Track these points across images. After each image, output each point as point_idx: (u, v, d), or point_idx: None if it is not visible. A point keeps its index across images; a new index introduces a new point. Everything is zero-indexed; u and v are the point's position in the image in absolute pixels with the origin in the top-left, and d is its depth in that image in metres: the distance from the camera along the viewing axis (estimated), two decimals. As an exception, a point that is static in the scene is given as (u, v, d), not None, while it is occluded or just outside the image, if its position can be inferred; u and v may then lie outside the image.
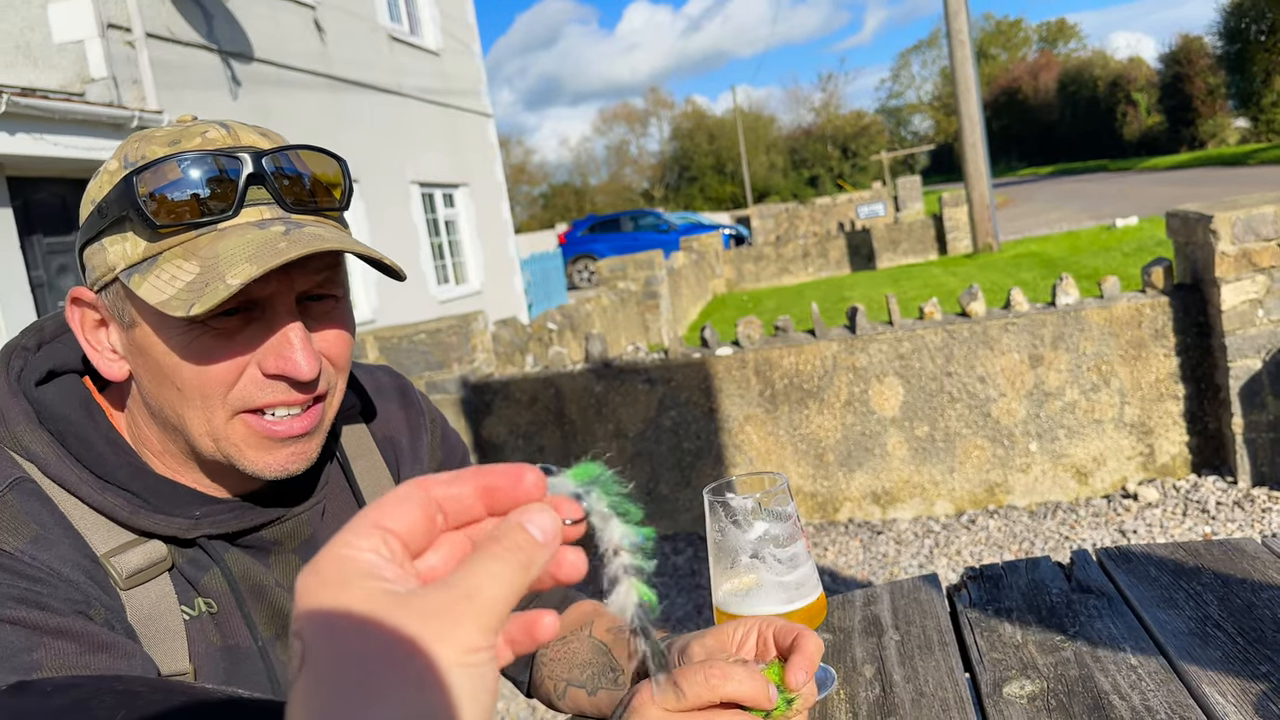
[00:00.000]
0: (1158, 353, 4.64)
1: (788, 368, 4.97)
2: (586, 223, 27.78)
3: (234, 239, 0.83)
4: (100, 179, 0.87)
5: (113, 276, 0.86)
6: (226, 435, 0.89)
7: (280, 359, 0.87)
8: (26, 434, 0.89)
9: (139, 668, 0.84)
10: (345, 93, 11.48)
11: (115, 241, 0.85)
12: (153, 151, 0.85)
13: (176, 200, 0.83)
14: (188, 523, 0.92)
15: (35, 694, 0.68)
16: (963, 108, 15.63)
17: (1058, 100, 75.72)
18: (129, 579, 0.89)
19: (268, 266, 0.80)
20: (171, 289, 0.82)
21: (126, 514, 0.89)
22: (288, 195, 0.87)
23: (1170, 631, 1.10)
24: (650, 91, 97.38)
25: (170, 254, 0.83)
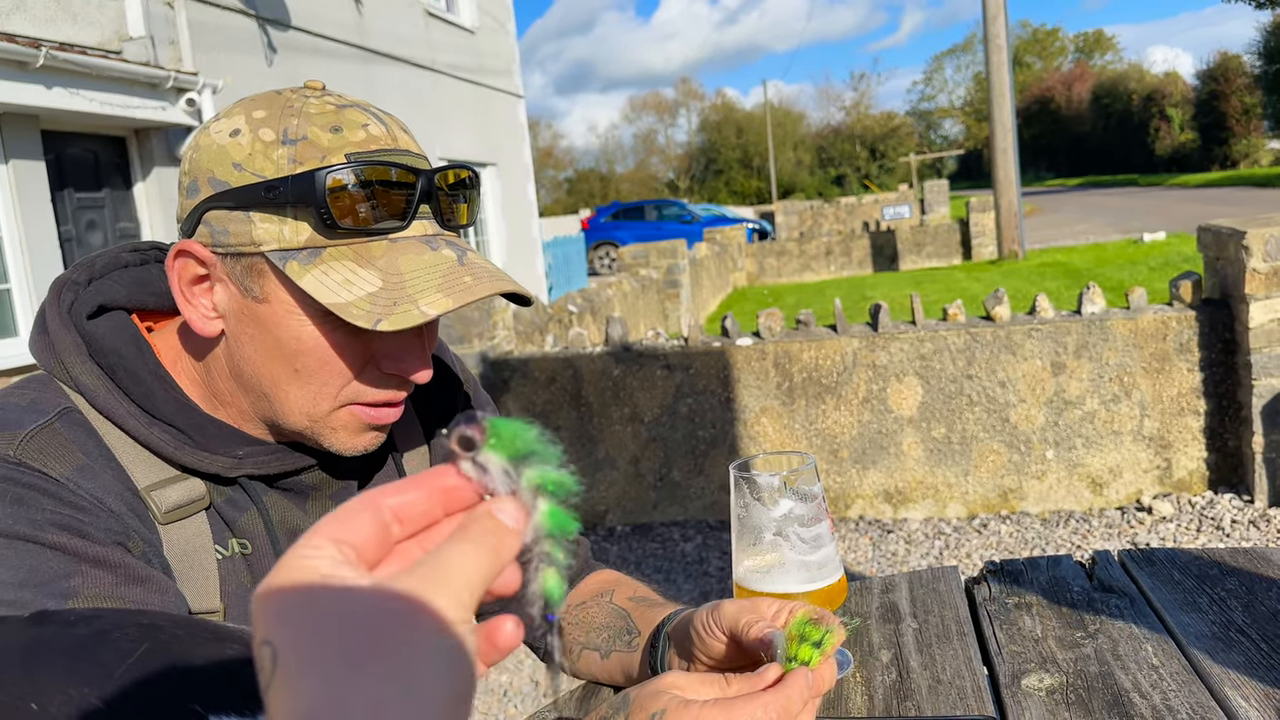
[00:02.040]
0: (1181, 367, 4.60)
1: (807, 361, 4.96)
2: (610, 209, 27.74)
3: (411, 257, 0.86)
4: (249, 145, 0.85)
5: (256, 251, 0.85)
6: (328, 420, 0.92)
7: (403, 364, 0.91)
8: (77, 365, 0.90)
9: (172, 603, 0.85)
10: (378, 65, 11.49)
11: (270, 220, 0.85)
12: (316, 136, 0.85)
13: (356, 203, 0.84)
14: (230, 461, 0.93)
15: (58, 623, 0.68)
16: (995, 113, 15.52)
17: (1090, 112, 75.07)
18: (167, 514, 0.90)
19: (462, 303, 0.84)
20: (349, 294, 0.83)
21: (171, 449, 0.91)
22: (446, 213, 0.91)
23: (1193, 634, 1.09)
24: (681, 82, 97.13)
25: (337, 252, 0.85)
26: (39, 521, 0.81)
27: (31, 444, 0.84)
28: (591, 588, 1.18)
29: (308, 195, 0.83)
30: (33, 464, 0.83)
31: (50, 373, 0.92)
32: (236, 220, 0.86)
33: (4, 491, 0.81)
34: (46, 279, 6.76)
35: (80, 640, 0.66)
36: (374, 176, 0.85)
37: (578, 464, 5.21)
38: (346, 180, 0.84)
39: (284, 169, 0.84)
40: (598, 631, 1.12)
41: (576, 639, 1.14)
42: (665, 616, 1.04)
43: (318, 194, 0.83)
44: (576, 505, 0.50)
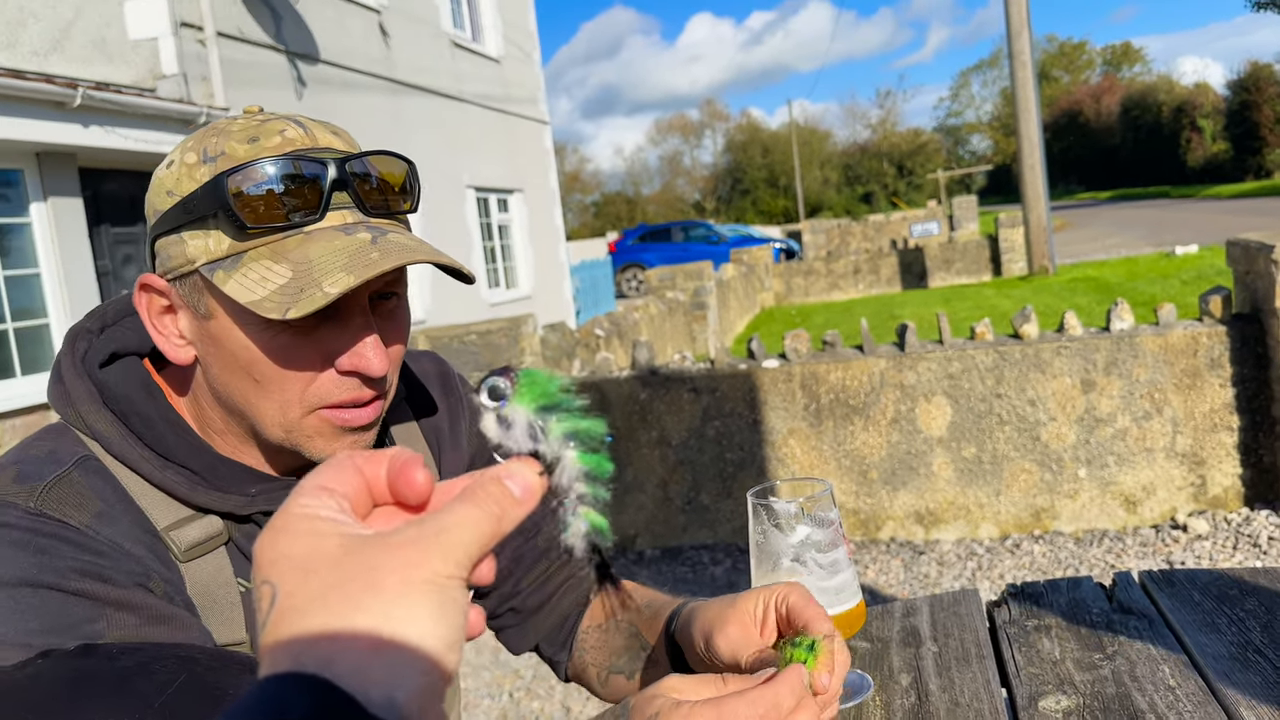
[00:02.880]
0: (1213, 382, 4.57)
1: (834, 383, 4.96)
2: (637, 232, 27.85)
3: (322, 244, 0.86)
4: (177, 171, 0.89)
5: (192, 269, 0.88)
6: (300, 428, 0.93)
7: (356, 358, 0.91)
8: (92, 414, 0.93)
9: (196, 639, 0.87)
10: (406, 96, 11.65)
11: (197, 236, 0.88)
12: (233, 149, 0.87)
13: (265, 203, 0.85)
14: (244, 499, 0.95)
15: (101, 656, 0.72)
16: (1022, 129, 15.47)
17: (1120, 124, 74.52)
18: (188, 552, 0.93)
19: (365, 277, 0.83)
20: (263, 290, 0.84)
21: (185, 490, 0.93)
22: (367, 199, 0.91)
23: (1210, 655, 1.10)
24: (706, 103, 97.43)
25: (256, 254, 0.86)
26: (62, 569, 0.83)
27: (51, 494, 0.87)
28: (604, 605, 1.22)
29: (215, 199, 0.85)
30: (53, 514, 0.86)
31: (68, 421, 0.95)
32: (173, 243, 0.89)
33: (27, 542, 0.84)
34: (84, 313, 6.90)
35: (122, 672, 0.70)
36: (279, 172, 0.86)
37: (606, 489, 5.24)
38: (250, 180, 0.85)
39: (202, 184, 0.87)
40: (619, 654, 1.14)
41: (604, 663, 1.16)
42: (665, 622, 1.06)
43: (224, 199, 0.85)
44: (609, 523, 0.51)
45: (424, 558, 0.43)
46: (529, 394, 0.49)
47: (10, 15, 6.88)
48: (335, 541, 0.43)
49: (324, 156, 0.89)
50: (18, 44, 6.90)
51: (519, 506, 0.47)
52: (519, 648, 1.24)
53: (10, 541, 0.84)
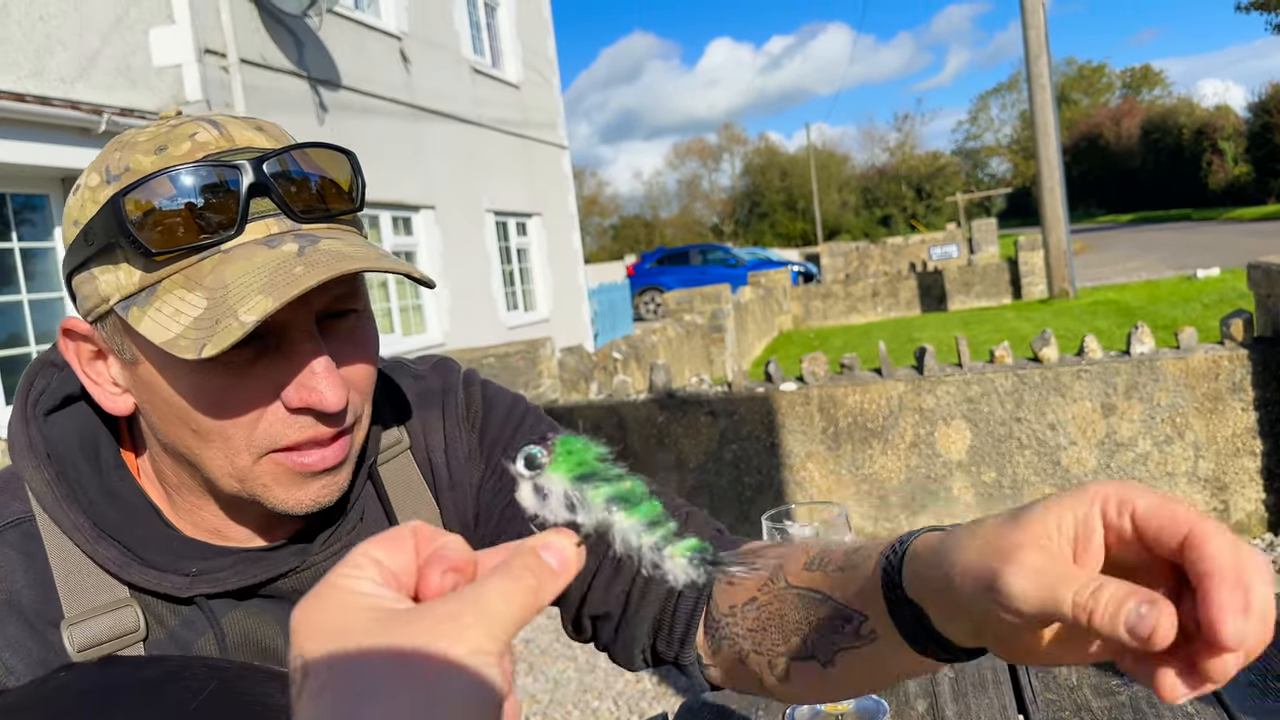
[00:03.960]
0: (1235, 406, 4.53)
1: (852, 406, 4.95)
2: (655, 255, 27.95)
3: (241, 263, 0.73)
4: (80, 195, 0.77)
5: (107, 308, 0.76)
6: (254, 476, 0.80)
7: (305, 391, 0.77)
8: (29, 469, 0.83)
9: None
10: (427, 122, 11.77)
11: (106, 270, 0.75)
12: (137, 162, 0.74)
13: (171, 222, 0.72)
14: (182, 580, 0.83)
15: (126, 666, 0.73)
16: (1041, 152, 15.46)
17: (1140, 147, 74.31)
18: (82, 652, 0.80)
19: (285, 299, 0.69)
20: (177, 326, 0.71)
21: (116, 568, 0.82)
22: (295, 203, 0.76)
23: (1230, 682, 1.09)
24: (724, 127, 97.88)
25: (170, 283, 0.73)
26: None
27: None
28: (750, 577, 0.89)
29: (114, 226, 0.72)
30: None
31: (17, 470, 0.84)
32: (85, 281, 0.77)
33: None
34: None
35: (151, 681, 0.70)
36: (185, 185, 0.72)
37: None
38: (152, 198, 0.72)
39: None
40: (796, 632, 0.79)
41: (778, 649, 0.80)
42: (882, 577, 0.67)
43: (123, 223, 0.72)
44: None
45: (461, 632, 0.41)
46: (566, 463, 0.47)
47: (38, 43, 7.00)
48: (368, 615, 0.42)
49: (237, 159, 0.74)
50: (45, 71, 7.02)
51: (556, 579, 0.45)
52: (629, 661, 0.98)
53: None
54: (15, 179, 6.69)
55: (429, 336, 11.16)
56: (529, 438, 1.00)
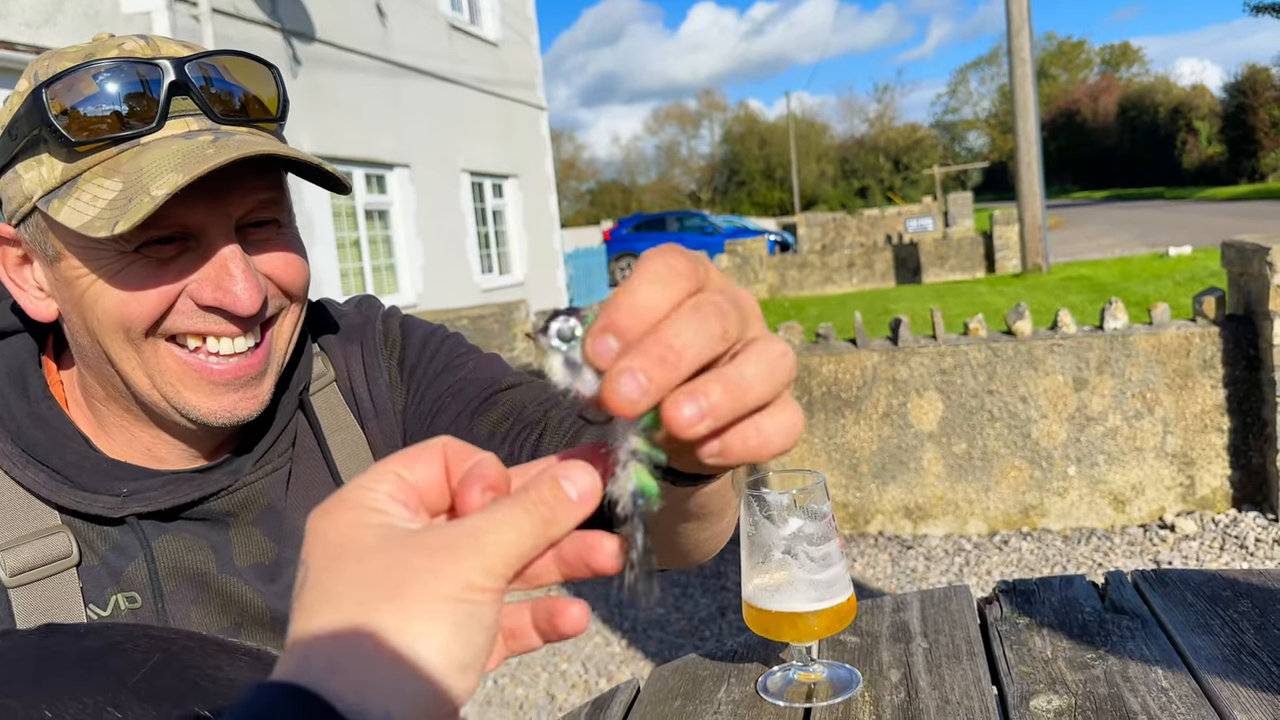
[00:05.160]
0: (1204, 383, 4.57)
1: (826, 375, 4.95)
2: (632, 221, 27.85)
3: (157, 151, 0.75)
4: (9, 102, 0.79)
5: (30, 206, 0.78)
6: (159, 371, 0.81)
7: (217, 289, 0.79)
8: None
9: None
10: (403, 78, 11.59)
11: (30, 167, 0.78)
12: (65, 66, 0.77)
13: (93, 115, 0.75)
14: (114, 500, 0.84)
15: (68, 635, 0.69)
16: (1020, 126, 15.47)
17: (1117, 125, 74.63)
18: (15, 576, 0.81)
19: (195, 173, 0.72)
20: (93, 209, 0.74)
21: (47, 491, 0.82)
22: (215, 104, 0.79)
23: (1204, 657, 1.09)
24: (704, 93, 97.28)
25: (90, 174, 0.76)
26: None
27: None
28: None
29: (37, 116, 0.75)
30: None
31: None
32: (9, 182, 0.79)
33: None
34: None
35: (91, 651, 0.67)
36: (109, 82, 0.75)
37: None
38: (74, 93, 0.74)
39: None
40: None
41: None
42: None
43: (44, 115, 0.74)
44: None
45: (454, 566, 0.39)
46: None
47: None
48: (371, 533, 0.40)
49: (160, 59, 0.77)
50: (9, 15, 6.83)
51: (573, 510, 0.42)
52: None
53: None
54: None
55: (402, 297, 11.07)
56: (448, 361, 1.02)
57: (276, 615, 0.90)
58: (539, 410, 0.93)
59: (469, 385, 0.98)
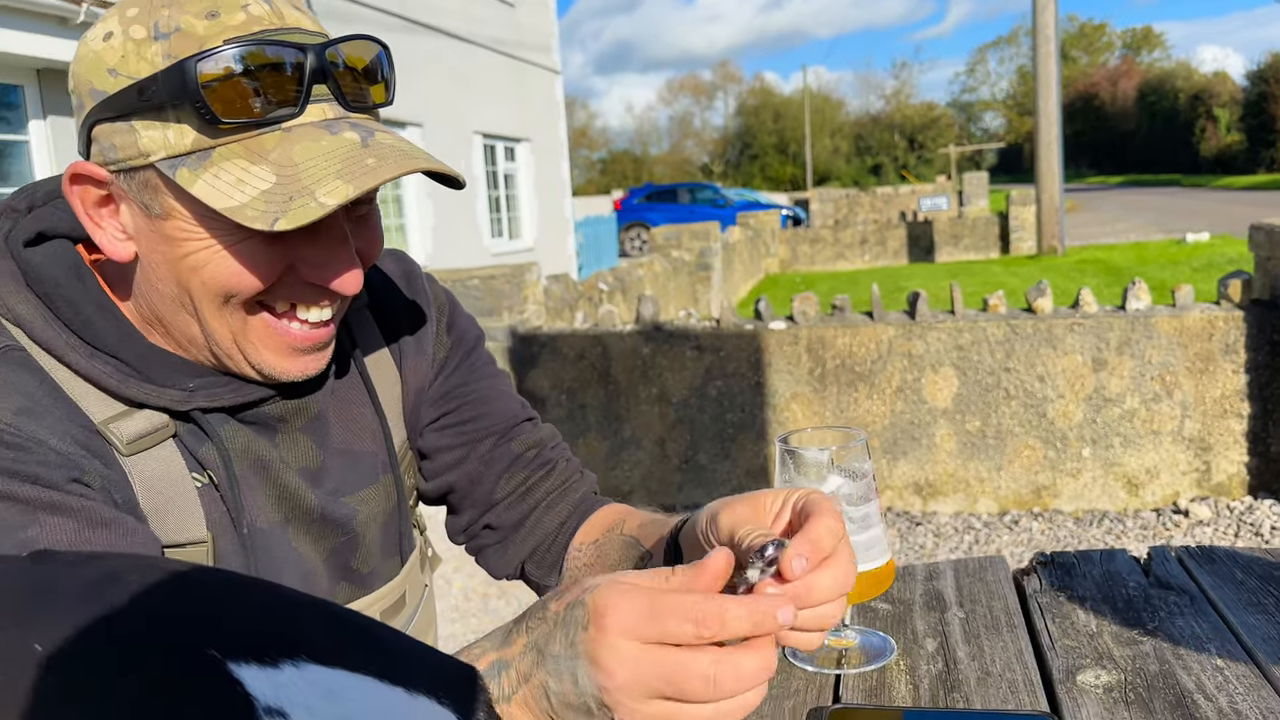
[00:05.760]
0: (1226, 368, 4.49)
1: (841, 348, 4.89)
2: (643, 191, 27.68)
3: (307, 144, 0.77)
4: (120, 46, 0.77)
5: (145, 163, 0.78)
6: (245, 334, 0.85)
7: (327, 271, 0.83)
8: (12, 295, 0.84)
9: (141, 546, 0.80)
10: (417, 35, 11.46)
11: (152, 126, 0.77)
12: (189, 25, 0.76)
13: (240, 93, 0.75)
14: (180, 394, 0.87)
15: (61, 564, 0.64)
16: (1041, 105, 15.29)
17: (1136, 110, 73.96)
18: (130, 445, 0.84)
19: (365, 187, 0.76)
20: (242, 195, 0.75)
21: (115, 383, 0.84)
22: (348, 92, 0.81)
23: (1260, 636, 1.03)
24: (720, 65, 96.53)
25: (228, 151, 0.77)
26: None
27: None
28: (601, 523, 1.10)
29: (182, 91, 0.75)
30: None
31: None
32: (121, 132, 0.78)
33: None
34: (83, 237, 6.81)
35: (89, 581, 0.62)
36: (253, 60, 0.76)
37: (603, 442, 5.19)
38: (220, 68, 0.75)
39: (158, 66, 0.76)
40: (614, 568, 1.03)
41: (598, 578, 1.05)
42: (674, 526, 0.96)
43: (192, 88, 0.75)
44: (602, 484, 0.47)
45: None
46: None
47: (16, -74, 6.71)
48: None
49: (300, 41, 0.78)
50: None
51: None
52: (501, 569, 1.13)
53: None
54: (-11, 68, 6.46)
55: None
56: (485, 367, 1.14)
57: (325, 514, 0.96)
58: (551, 452, 1.13)
59: (497, 410, 1.11)
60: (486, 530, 1.11)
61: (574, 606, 0.64)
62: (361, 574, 1.02)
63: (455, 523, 1.13)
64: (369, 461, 1.02)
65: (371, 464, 1.02)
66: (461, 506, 1.12)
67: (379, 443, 1.03)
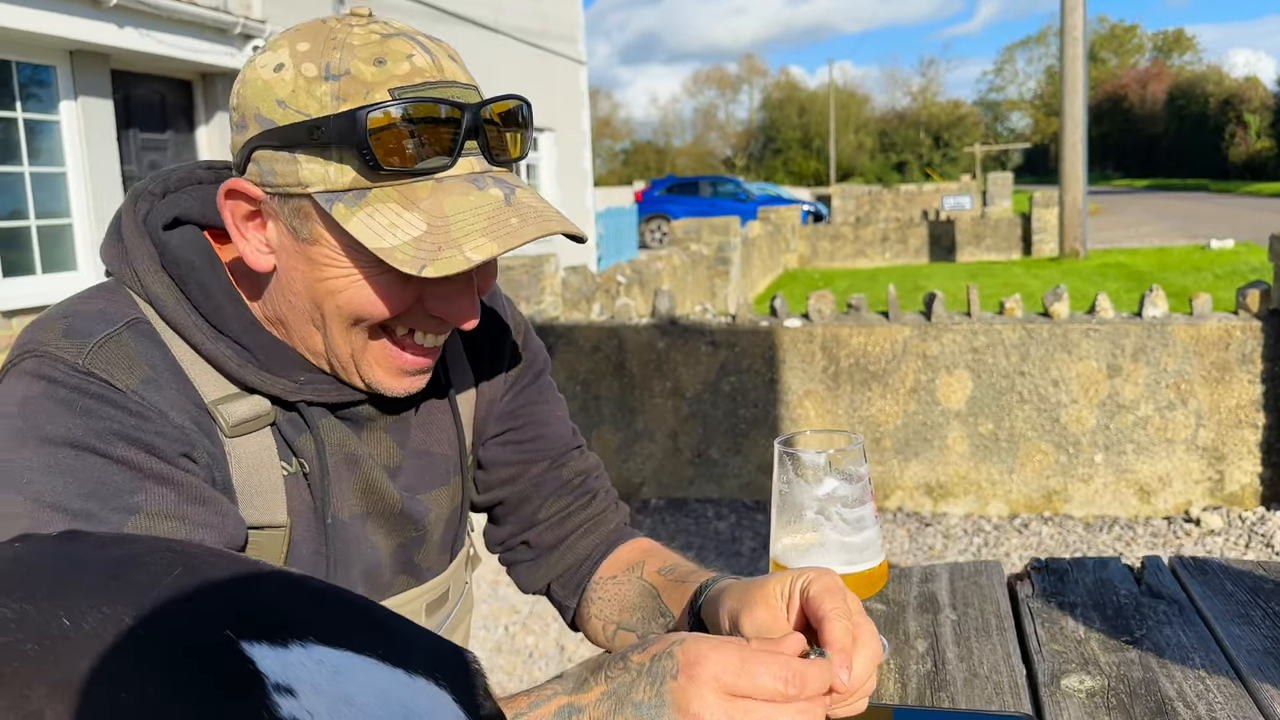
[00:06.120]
0: (1242, 378, 4.48)
1: (855, 347, 4.90)
2: (665, 183, 27.64)
3: (457, 197, 0.83)
4: (291, 80, 0.83)
5: (302, 192, 0.84)
6: (363, 353, 0.92)
7: (451, 308, 0.90)
8: (149, 274, 0.90)
9: (232, 526, 0.86)
10: (443, 23, 11.50)
11: (315, 161, 0.83)
12: (359, 70, 0.82)
13: (402, 144, 0.82)
14: (292, 385, 0.93)
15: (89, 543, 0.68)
16: (1067, 106, 15.19)
17: (1164, 113, 73.19)
18: (234, 428, 0.91)
19: (507, 248, 0.82)
20: (394, 238, 0.81)
21: (234, 366, 0.90)
22: (494, 147, 0.88)
23: (1244, 648, 1.06)
24: (745, 58, 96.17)
25: (383, 194, 0.83)
26: (106, 433, 0.81)
27: (99, 353, 0.85)
28: (624, 558, 1.16)
29: (350, 136, 0.81)
30: (100, 374, 0.84)
31: (121, 280, 0.92)
32: (282, 161, 0.84)
33: (72, 402, 0.82)
34: (107, 215, 6.87)
35: (114, 560, 0.66)
36: (417, 114, 0.82)
37: (616, 434, 5.22)
38: (388, 120, 0.81)
39: (327, 106, 0.82)
40: (631, 611, 1.09)
41: (611, 617, 1.12)
42: (694, 593, 1.01)
43: (360, 135, 0.81)
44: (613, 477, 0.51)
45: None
46: None
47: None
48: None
49: (459, 99, 0.85)
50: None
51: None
52: (529, 586, 1.19)
53: (56, 399, 0.82)
54: (23, 47, 6.52)
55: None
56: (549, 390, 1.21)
57: (404, 511, 1.03)
58: (595, 482, 1.20)
59: (554, 434, 1.18)
60: (523, 547, 1.18)
61: (661, 658, 0.70)
62: (421, 568, 1.08)
63: (495, 533, 1.20)
64: (443, 464, 1.09)
65: (445, 467, 1.09)
66: (505, 520, 1.18)
67: (453, 447, 1.10)
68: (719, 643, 0.70)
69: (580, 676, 0.73)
